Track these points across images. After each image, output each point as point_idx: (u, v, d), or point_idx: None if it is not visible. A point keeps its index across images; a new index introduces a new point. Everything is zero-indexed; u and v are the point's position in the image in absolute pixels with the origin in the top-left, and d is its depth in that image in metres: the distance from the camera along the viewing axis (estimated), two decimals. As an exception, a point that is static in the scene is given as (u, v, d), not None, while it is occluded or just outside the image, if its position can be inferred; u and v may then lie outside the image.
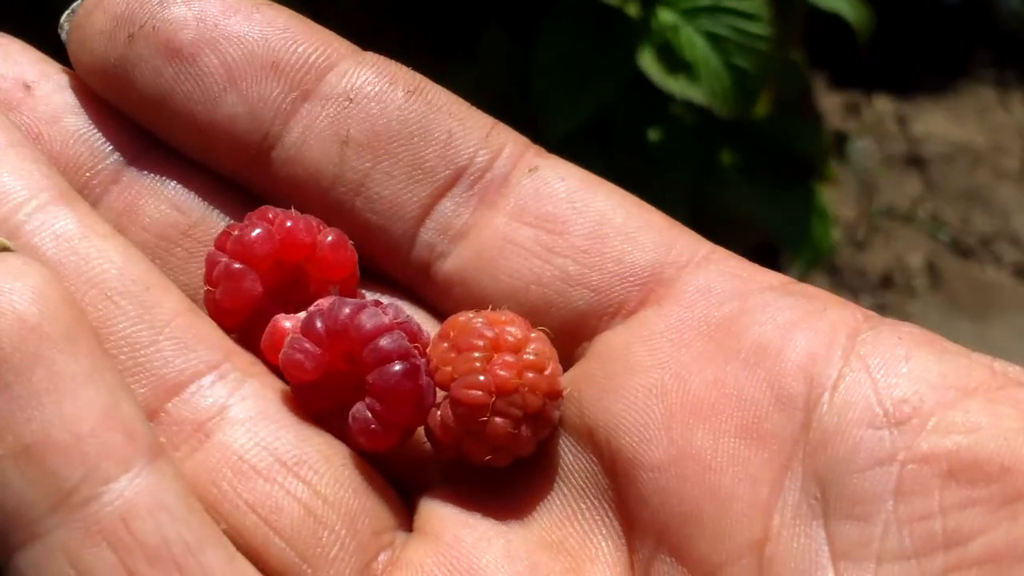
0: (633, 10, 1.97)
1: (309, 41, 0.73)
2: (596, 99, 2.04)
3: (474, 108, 0.75)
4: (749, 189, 2.26)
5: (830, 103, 3.41)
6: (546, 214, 0.72)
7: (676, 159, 2.18)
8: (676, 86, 1.99)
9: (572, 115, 2.02)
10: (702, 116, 2.10)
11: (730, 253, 0.72)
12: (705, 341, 0.68)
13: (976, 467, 0.59)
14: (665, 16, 2.00)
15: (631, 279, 0.71)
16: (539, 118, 2.02)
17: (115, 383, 0.60)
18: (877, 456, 0.61)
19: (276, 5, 0.74)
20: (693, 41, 1.98)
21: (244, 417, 0.66)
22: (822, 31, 2.57)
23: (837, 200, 3.14)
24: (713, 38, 1.97)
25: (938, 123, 3.44)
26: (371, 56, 0.74)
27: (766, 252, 2.51)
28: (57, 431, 0.57)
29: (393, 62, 0.75)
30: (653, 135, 2.17)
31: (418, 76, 0.75)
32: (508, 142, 0.74)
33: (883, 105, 3.47)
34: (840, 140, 2.62)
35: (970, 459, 0.59)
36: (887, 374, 0.63)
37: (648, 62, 2.00)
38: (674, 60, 1.99)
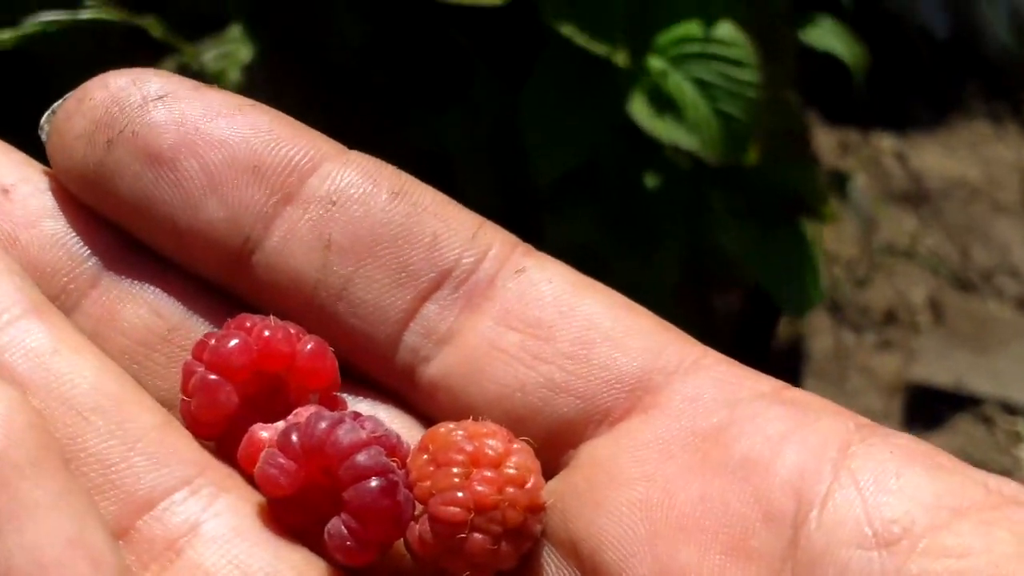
0: (621, 59, 1.96)
1: (292, 143, 0.72)
2: (584, 146, 2.04)
3: (460, 207, 0.74)
4: (741, 233, 2.25)
5: (825, 141, 3.41)
6: (532, 318, 0.71)
7: (670, 205, 2.17)
8: (665, 132, 1.99)
9: (559, 162, 2.03)
10: (695, 161, 2.09)
11: (721, 356, 0.71)
12: (692, 453, 0.66)
13: None
14: (654, 63, 2.00)
15: (618, 386, 0.69)
16: (529, 165, 2.02)
17: (82, 508, 0.58)
18: None
19: (260, 106, 0.73)
20: (682, 87, 1.98)
21: (217, 534, 0.65)
22: (815, 70, 2.56)
23: (837, 239, 3.14)
24: (702, 84, 1.97)
25: (933, 158, 3.44)
26: (355, 156, 0.73)
27: (764, 296, 2.50)
28: (19, 560, 0.56)
29: (379, 161, 0.74)
30: (646, 181, 2.16)
31: (403, 176, 0.74)
32: (495, 242, 0.73)
33: (878, 141, 3.46)
34: (839, 179, 2.61)
35: None
36: (877, 491, 0.62)
37: (638, 109, 1.99)
38: (663, 106, 1.99)
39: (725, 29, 1.99)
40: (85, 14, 1.65)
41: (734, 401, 0.68)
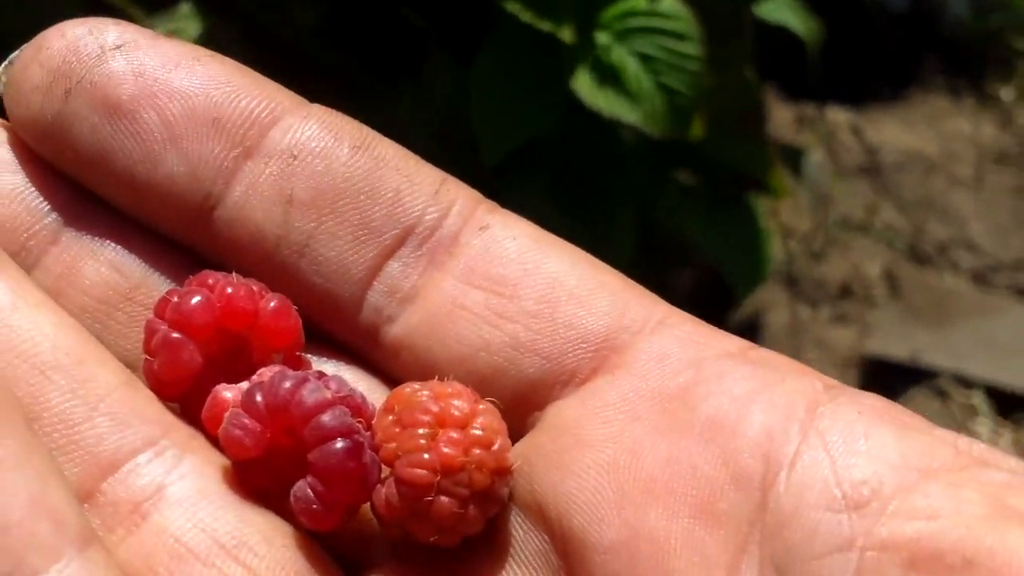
0: (567, 35, 1.96)
1: (252, 95, 0.71)
2: (533, 123, 2.04)
3: (423, 162, 0.73)
4: (692, 210, 2.25)
5: (782, 116, 3.41)
6: (496, 276, 0.70)
7: (621, 182, 2.17)
8: (608, 107, 1.98)
9: (508, 139, 2.02)
10: (646, 138, 2.09)
11: (687, 316, 0.70)
12: (659, 414, 0.66)
13: (938, 558, 0.57)
14: (600, 38, 1.99)
15: (584, 346, 0.68)
16: (477, 141, 2.02)
17: (44, 468, 0.57)
18: (835, 542, 0.59)
19: (218, 56, 0.72)
20: (625, 62, 1.97)
21: (182, 497, 0.64)
22: (772, 44, 2.56)
23: (793, 213, 3.14)
24: (644, 58, 1.97)
25: (891, 132, 3.45)
26: (317, 109, 0.72)
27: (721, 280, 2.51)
28: None
29: (340, 115, 0.73)
30: (597, 158, 2.16)
31: (365, 129, 0.73)
32: (459, 198, 0.72)
33: (835, 116, 3.47)
34: (794, 155, 2.61)
35: (931, 549, 0.57)
36: (846, 452, 0.61)
37: (581, 84, 1.99)
38: (606, 81, 1.98)
39: (668, 3, 1.98)
40: None
41: (700, 360, 0.67)
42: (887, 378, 2.88)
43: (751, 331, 2.95)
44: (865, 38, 3.59)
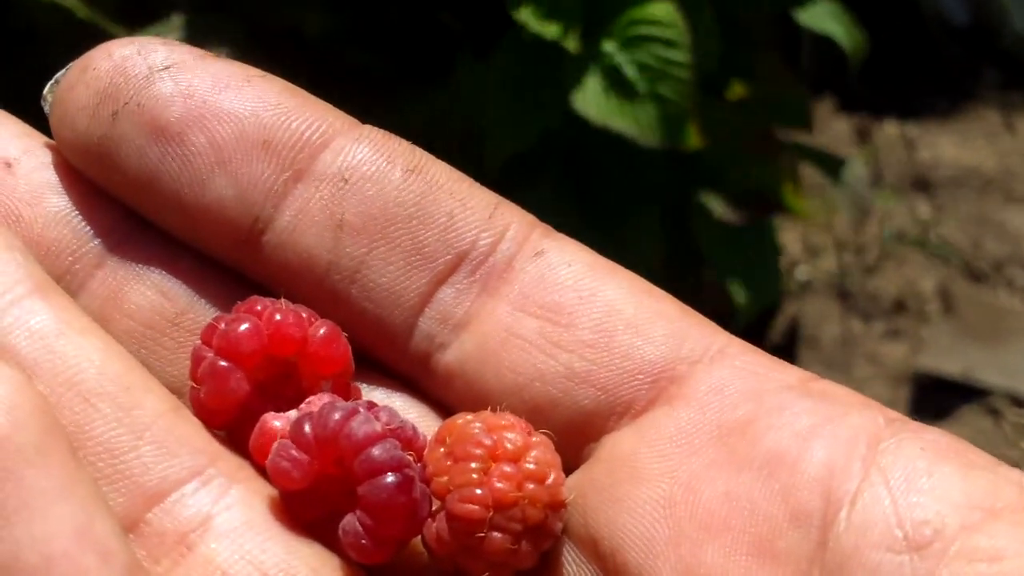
0: (572, 44, 1.95)
1: (303, 116, 0.69)
2: (532, 132, 2.03)
3: (476, 185, 0.72)
4: (708, 226, 2.24)
5: (838, 128, 3.39)
6: (551, 304, 0.69)
7: (644, 195, 2.16)
8: (605, 117, 1.97)
9: (506, 146, 2.02)
10: (667, 153, 2.07)
11: (747, 345, 0.69)
12: (717, 447, 0.64)
13: None
14: (607, 47, 1.98)
15: (640, 376, 0.67)
16: (486, 145, 2.02)
17: (89, 498, 0.56)
18: None
19: (268, 76, 0.71)
20: (625, 71, 1.96)
21: (229, 528, 0.63)
22: (827, 56, 2.55)
23: (848, 226, 3.13)
24: (642, 67, 1.96)
25: (948, 147, 3.43)
26: (368, 131, 0.71)
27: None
28: (26, 552, 0.54)
29: (392, 136, 0.71)
30: (616, 168, 2.15)
31: (418, 152, 0.71)
32: (512, 223, 0.71)
33: (891, 129, 3.45)
34: (834, 166, 2.59)
35: None
36: (908, 491, 0.60)
37: (583, 96, 1.98)
38: (609, 91, 1.97)
39: (661, 8, 1.97)
40: None
41: (760, 393, 0.66)
42: (939, 395, 2.86)
43: (800, 344, 2.94)
44: (924, 51, 3.57)
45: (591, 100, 1.97)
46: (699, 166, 2.16)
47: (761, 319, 2.77)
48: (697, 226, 2.26)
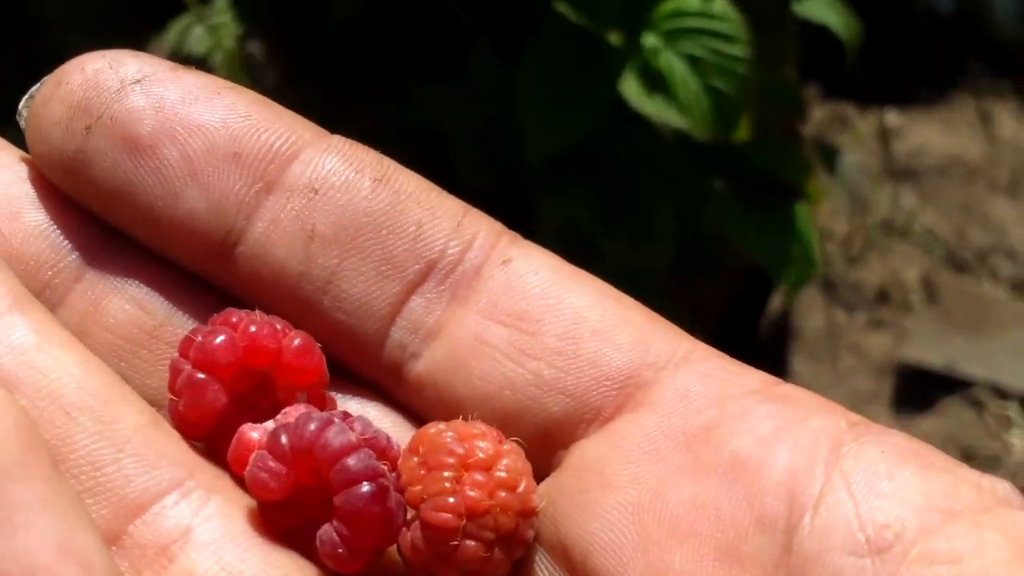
0: (615, 39, 1.95)
1: (272, 128, 0.70)
2: (577, 126, 2.02)
3: (444, 193, 0.73)
4: (734, 214, 2.25)
5: (823, 115, 3.39)
6: (519, 311, 0.70)
7: (662, 186, 2.16)
8: (655, 111, 1.97)
9: (552, 142, 2.02)
10: (687, 141, 2.08)
11: (711, 350, 0.70)
12: (683, 453, 0.65)
13: None
14: (648, 40, 1.98)
15: (607, 383, 0.68)
16: (523, 141, 2.01)
17: (71, 511, 0.57)
18: None
19: (238, 88, 0.71)
20: (672, 64, 1.96)
21: (208, 539, 0.64)
22: (814, 42, 2.55)
23: (831, 215, 3.13)
24: (692, 60, 1.96)
25: (933, 135, 3.43)
26: (337, 141, 0.72)
27: (761, 276, 2.50)
28: (9, 565, 0.55)
29: (360, 146, 0.72)
30: (639, 160, 2.15)
31: (386, 161, 0.72)
32: (480, 231, 0.72)
33: (877, 117, 3.45)
34: (829, 154, 2.60)
35: None
36: (869, 494, 0.61)
37: (629, 87, 1.98)
38: (654, 84, 1.97)
39: (717, 3, 1.97)
40: None
41: (724, 398, 0.67)
42: (922, 386, 2.86)
43: (785, 335, 2.94)
44: (909, 39, 3.57)
45: (634, 93, 1.97)
46: (718, 152, 2.16)
47: (746, 310, 2.77)
48: (718, 212, 2.26)
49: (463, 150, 2.14)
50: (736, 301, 2.62)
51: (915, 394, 2.85)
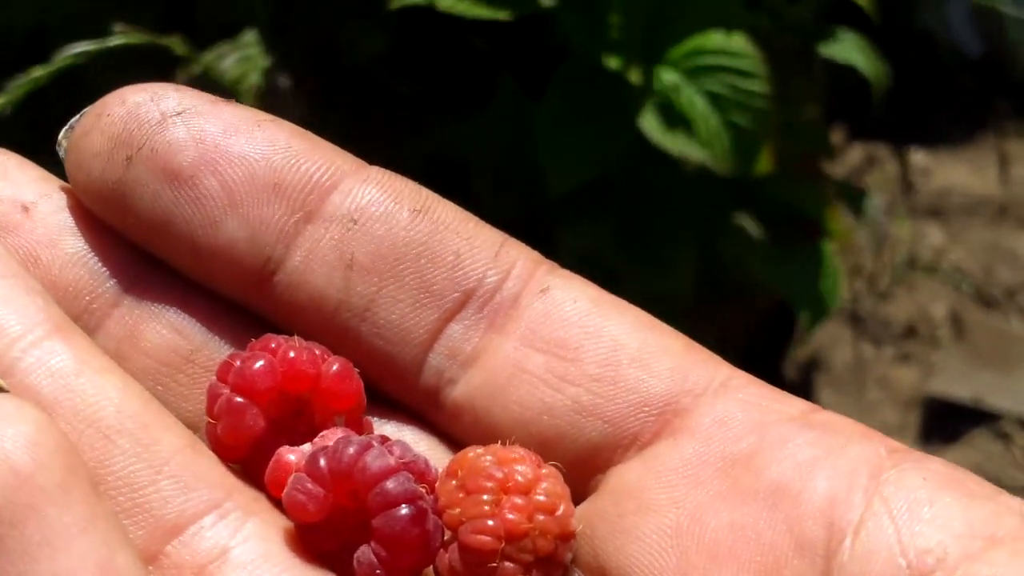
0: (634, 76, 1.96)
1: (312, 159, 0.71)
2: (596, 161, 2.03)
3: (482, 223, 0.73)
4: (755, 247, 2.25)
5: (851, 155, 3.40)
6: (557, 339, 0.70)
7: (683, 220, 2.17)
8: (675, 145, 1.98)
9: (572, 176, 2.02)
10: (709, 177, 2.08)
11: (750, 377, 0.70)
12: (722, 479, 0.66)
13: None
14: (667, 76, 1.99)
15: (646, 409, 0.68)
16: (545, 174, 2.02)
17: (111, 532, 0.58)
18: None
19: (278, 121, 0.72)
20: (693, 100, 1.97)
21: (246, 560, 0.64)
22: (841, 84, 2.56)
23: (859, 252, 3.13)
24: (712, 97, 1.97)
25: (960, 175, 3.43)
26: (375, 172, 0.72)
27: (786, 308, 2.50)
28: None
29: (399, 177, 0.73)
30: (659, 194, 2.16)
31: (424, 192, 0.73)
32: (518, 260, 0.72)
33: (906, 156, 3.45)
34: (855, 196, 2.60)
35: None
36: (910, 520, 0.61)
37: (649, 122, 1.99)
38: (674, 120, 1.98)
39: (736, 40, 1.99)
40: (113, 41, 1.65)
41: (763, 425, 0.67)
42: (949, 420, 2.85)
43: (813, 368, 2.94)
44: (937, 80, 3.57)
45: (655, 129, 1.98)
46: (739, 187, 2.17)
47: (772, 342, 2.77)
48: (740, 245, 2.26)
49: (485, 181, 2.15)
50: (762, 333, 2.62)
51: (942, 427, 2.84)
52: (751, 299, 2.49)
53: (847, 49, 2.38)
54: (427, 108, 2.21)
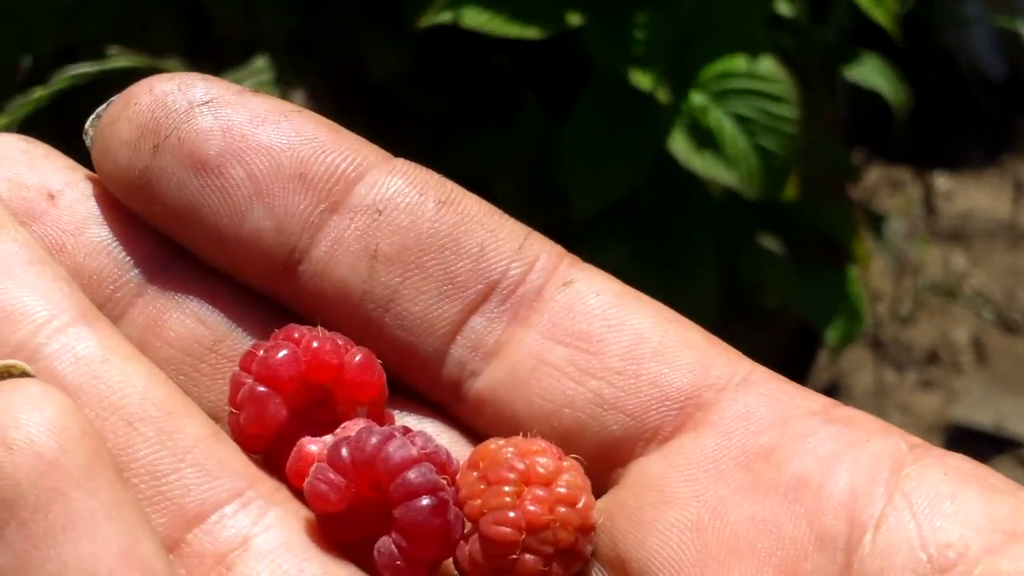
0: (663, 96, 1.96)
1: (338, 150, 0.71)
2: (622, 182, 2.03)
3: (507, 216, 0.73)
4: (781, 269, 2.25)
5: (872, 178, 3.39)
6: (580, 332, 0.70)
7: (707, 241, 2.17)
8: (704, 167, 1.98)
9: (596, 199, 2.02)
10: (733, 199, 2.08)
11: (771, 373, 0.70)
12: (743, 472, 0.66)
13: None
14: (696, 98, 1.99)
15: (667, 403, 0.68)
16: (569, 197, 2.02)
17: (134, 519, 0.58)
18: None
19: (305, 112, 0.72)
20: (721, 123, 1.97)
21: (267, 548, 0.64)
22: (864, 107, 2.56)
23: (880, 277, 3.12)
24: (741, 120, 1.97)
25: (983, 198, 3.42)
26: (401, 164, 0.73)
27: (808, 333, 2.49)
28: (73, 572, 0.55)
29: (424, 169, 0.73)
30: (683, 215, 2.16)
31: (449, 184, 0.73)
32: (542, 253, 0.72)
33: (928, 180, 3.44)
34: (875, 220, 2.60)
35: None
36: (932, 515, 0.61)
37: (677, 144, 1.99)
38: (703, 142, 1.98)
39: (766, 64, 1.99)
40: (111, 64, 1.66)
41: (785, 419, 0.67)
42: (971, 445, 2.84)
43: (834, 393, 2.93)
44: (960, 103, 3.57)
45: (683, 150, 1.98)
46: (764, 209, 2.17)
47: (795, 370, 2.77)
48: (765, 267, 2.26)
49: (508, 198, 2.15)
50: (784, 359, 2.62)
51: (964, 453, 2.82)
52: (774, 323, 2.49)
53: (869, 72, 2.38)
54: (449, 125, 2.21)
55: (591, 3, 1.98)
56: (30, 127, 0.80)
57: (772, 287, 2.29)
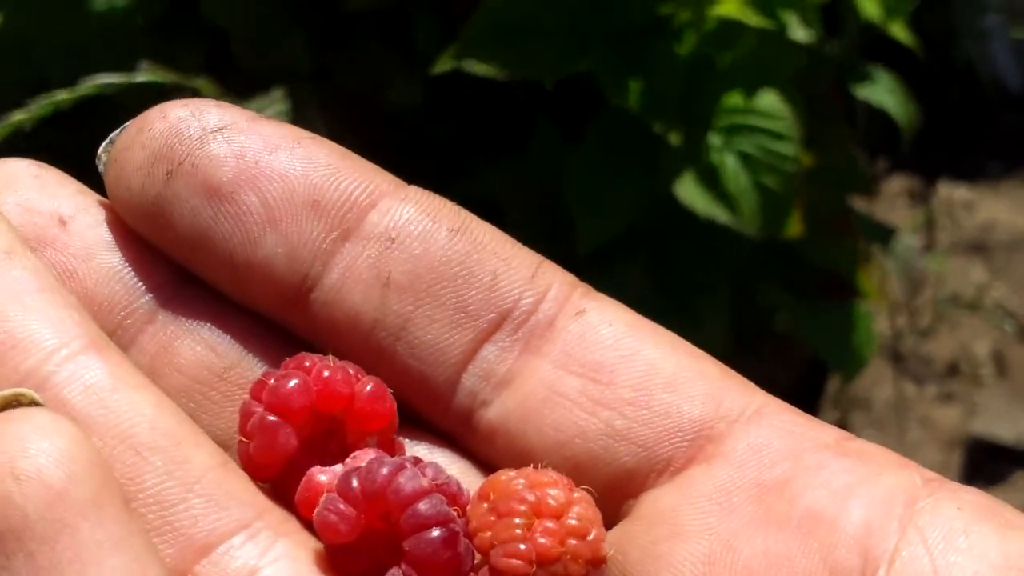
0: (675, 138, 1.95)
1: (351, 177, 0.71)
2: (626, 217, 2.03)
3: (519, 245, 0.73)
4: (787, 305, 2.25)
5: (891, 190, 3.39)
6: (592, 362, 0.70)
7: (717, 274, 2.16)
8: (705, 207, 1.97)
9: (600, 232, 2.02)
10: (740, 235, 2.08)
11: (784, 405, 0.70)
12: (756, 505, 0.65)
13: None
14: (713, 140, 1.99)
15: (679, 435, 0.68)
16: (576, 228, 2.02)
17: (142, 550, 0.57)
18: None
19: (318, 139, 0.72)
20: (724, 160, 1.96)
21: None
22: (882, 119, 2.55)
23: (894, 289, 3.11)
24: (744, 157, 1.96)
25: (1002, 210, 3.41)
26: (414, 191, 0.72)
27: (819, 366, 2.49)
28: None
29: (437, 197, 0.73)
30: (693, 249, 2.15)
31: (463, 212, 0.73)
32: (555, 282, 0.72)
33: (947, 192, 3.43)
34: (885, 235, 2.59)
35: None
36: (946, 550, 0.61)
37: (683, 185, 1.98)
38: (706, 180, 1.98)
39: (768, 100, 1.98)
40: (140, 77, 1.66)
41: (798, 452, 0.67)
42: (992, 460, 2.83)
43: (854, 407, 2.92)
44: (979, 115, 3.56)
45: (688, 188, 1.98)
46: (768, 247, 2.16)
47: (813, 381, 2.76)
48: (772, 302, 2.26)
49: (520, 226, 2.14)
50: (803, 373, 2.61)
51: (985, 467, 2.82)
52: (786, 353, 2.49)
53: (878, 91, 2.38)
54: (463, 153, 2.21)
55: (597, 52, 1.97)
56: (41, 151, 0.79)
57: (780, 323, 2.29)
